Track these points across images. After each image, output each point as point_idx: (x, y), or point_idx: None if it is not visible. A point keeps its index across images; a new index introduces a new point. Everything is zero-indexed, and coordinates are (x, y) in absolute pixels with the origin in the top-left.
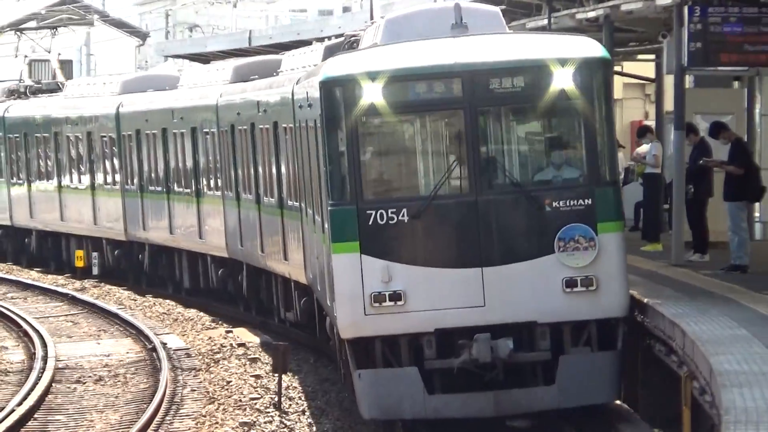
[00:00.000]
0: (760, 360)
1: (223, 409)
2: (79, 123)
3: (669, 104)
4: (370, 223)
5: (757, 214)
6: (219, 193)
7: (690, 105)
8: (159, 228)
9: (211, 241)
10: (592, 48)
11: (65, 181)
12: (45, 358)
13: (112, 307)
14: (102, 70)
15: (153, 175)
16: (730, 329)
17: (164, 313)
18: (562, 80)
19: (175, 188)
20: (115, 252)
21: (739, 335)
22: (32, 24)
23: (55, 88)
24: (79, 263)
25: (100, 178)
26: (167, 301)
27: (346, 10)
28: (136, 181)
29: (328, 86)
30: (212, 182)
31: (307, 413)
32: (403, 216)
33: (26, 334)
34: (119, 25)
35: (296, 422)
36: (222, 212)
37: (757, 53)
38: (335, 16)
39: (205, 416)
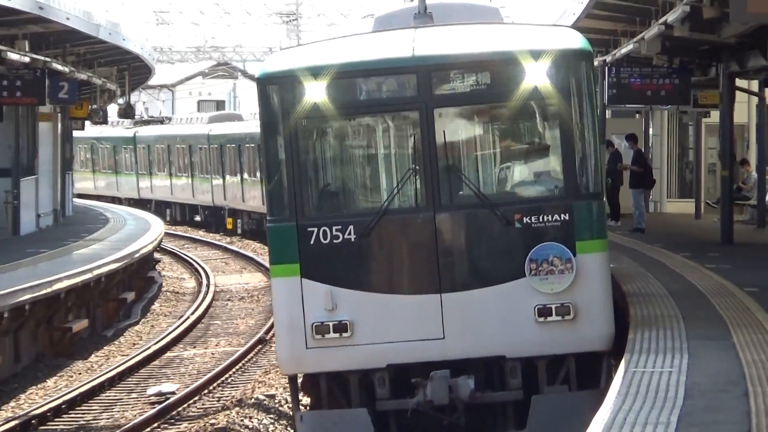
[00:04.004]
0: (652, 287)
1: None
2: (185, 139)
3: None
4: (312, 242)
5: (651, 197)
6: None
7: (609, 128)
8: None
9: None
10: (571, 39)
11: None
12: (208, 285)
13: (250, 254)
14: (244, 108)
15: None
16: (634, 268)
17: None
18: (535, 76)
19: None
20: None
21: (640, 272)
22: (199, 78)
23: (162, 120)
24: (229, 226)
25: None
26: None
27: None
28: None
29: (264, 84)
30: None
31: None
32: (349, 234)
33: (196, 270)
34: (253, 78)
35: None
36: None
37: (650, 96)
38: None
39: None
